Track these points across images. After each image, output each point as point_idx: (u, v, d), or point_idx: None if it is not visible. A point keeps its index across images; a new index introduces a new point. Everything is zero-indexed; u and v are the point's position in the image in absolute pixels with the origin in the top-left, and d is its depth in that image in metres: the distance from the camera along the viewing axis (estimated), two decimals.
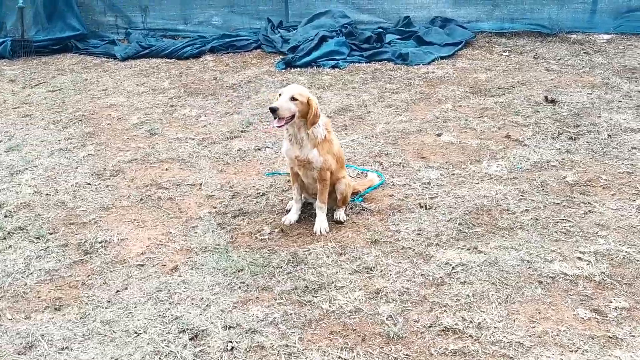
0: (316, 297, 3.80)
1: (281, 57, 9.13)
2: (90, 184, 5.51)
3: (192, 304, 3.77)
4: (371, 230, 4.51)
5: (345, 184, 4.71)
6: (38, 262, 4.30)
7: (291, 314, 3.64)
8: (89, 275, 4.14)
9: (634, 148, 5.61)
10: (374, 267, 4.05)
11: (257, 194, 5.21)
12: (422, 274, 3.94)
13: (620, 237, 4.20)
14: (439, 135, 6.09)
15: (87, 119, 7.22)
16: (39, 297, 3.93)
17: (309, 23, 9.89)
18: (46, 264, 4.27)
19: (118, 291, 3.94)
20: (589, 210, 4.58)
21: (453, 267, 3.96)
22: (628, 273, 3.83)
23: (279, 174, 5.54)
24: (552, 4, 9.86)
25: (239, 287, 3.93)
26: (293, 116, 4.34)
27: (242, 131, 6.57)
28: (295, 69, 8.62)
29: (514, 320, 3.45)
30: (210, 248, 4.43)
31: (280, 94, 4.40)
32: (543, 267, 3.91)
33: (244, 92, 7.87)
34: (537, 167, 5.35)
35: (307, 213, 4.81)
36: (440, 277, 3.88)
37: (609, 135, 5.89)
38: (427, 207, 4.76)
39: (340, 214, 4.71)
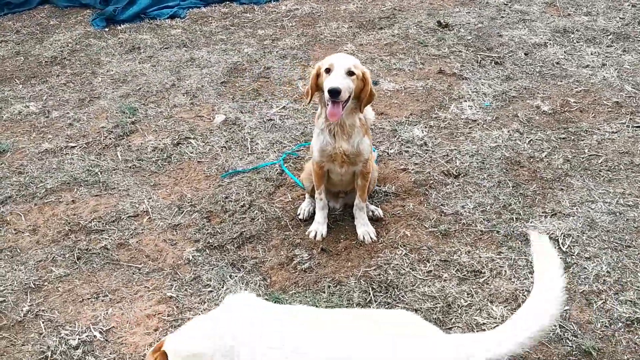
0: (450, 322, 2.99)
1: (93, 11, 7.09)
2: None
3: None
4: (424, 220, 3.73)
5: (376, 170, 3.79)
6: None
7: None
8: None
9: (557, 63, 5.62)
10: (480, 269, 3.35)
11: (241, 206, 3.94)
12: None
13: None
14: (376, 83, 5.33)
15: None
16: None
17: None
18: None
19: None
20: (597, 141, 4.43)
21: (563, 240, 3.46)
22: None
23: (238, 172, 4.28)
24: None
25: None
26: (348, 99, 3.23)
27: (132, 122, 4.93)
28: (123, 25, 6.78)
29: None
30: None
31: (327, 68, 3.23)
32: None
33: (79, 66, 5.93)
34: (501, 100, 5.03)
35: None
36: (566, 260, 3.35)
37: (525, 54, 5.81)
38: (456, 174, 4.12)
39: (374, 210, 3.79)
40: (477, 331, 2.98)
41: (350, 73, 3.20)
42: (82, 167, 4.40)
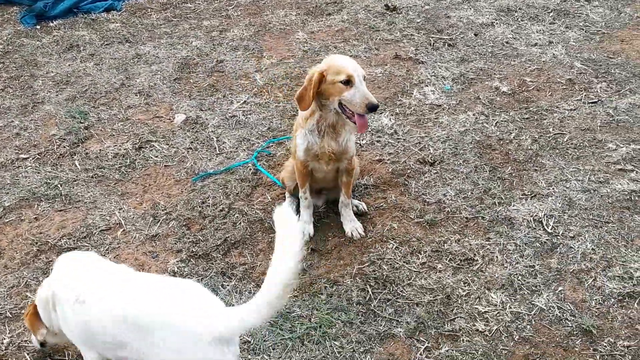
0: (452, 313, 3.02)
1: (21, 8, 6.59)
2: None
3: None
4: (408, 211, 3.73)
5: (358, 164, 3.74)
6: None
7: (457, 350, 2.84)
8: None
9: (507, 43, 5.73)
10: (473, 257, 3.39)
11: (220, 210, 3.80)
12: (530, 239, 3.44)
13: (624, 133, 4.29)
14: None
15: None
16: None
17: None
18: None
19: None
20: (559, 120, 4.56)
21: (547, 221, 3.55)
22: None
23: (210, 174, 4.13)
24: None
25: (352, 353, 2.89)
26: None
27: (85, 128, 4.64)
28: (56, 22, 6.35)
29: None
30: None
31: (345, 80, 3.11)
32: (615, 186, 3.79)
33: (15, 69, 5.52)
34: (460, 83, 5.08)
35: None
36: (552, 241, 3.44)
37: (475, 35, 5.89)
38: (431, 162, 4.13)
39: (358, 204, 3.75)
40: (480, 320, 3.03)
41: (365, 79, 3.16)
42: (38, 180, 4.12)
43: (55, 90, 5.18)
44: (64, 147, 4.45)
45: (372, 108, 3.08)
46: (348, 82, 3.11)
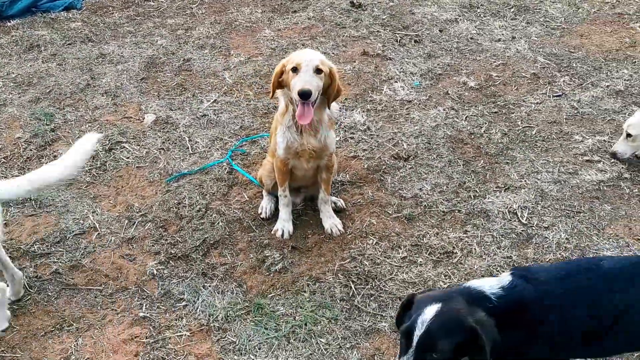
0: None
1: None
2: None
3: None
4: (385, 206, 3.76)
5: (336, 161, 3.74)
6: None
7: None
8: None
9: (472, 38, 5.83)
10: (452, 250, 3.44)
11: (197, 211, 3.76)
12: (506, 231, 3.51)
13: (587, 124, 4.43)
14: None
15: None
16: None
17: None
18: None
19: None
20: (526, 113, 4.66)
21: (521, 213, 3.64)
22: None
23: (184, 174, 4.08)
24: None
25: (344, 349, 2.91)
26: (317, 96, 3.16)
27: (52, 130, 4.51)
28: (14, 21, 6.14)
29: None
30: (231, 314, 3.10)
31: (293, 67, 3.12)
32: (583, 177, 3.90)
33: None
34: (429, 78, 5.15)
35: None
36: (527, 232, 3.53)
37: (440, 31, 5.97)
38: (406, 157, 4.17)
39: (336, 201, 3.76)
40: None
41: (318, 71, 3.12)
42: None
43: (17, 92, 5.02)
44: (31, 150, 4.33)
45: (301, 94, 3.06)
46: (295, 69, 3.13)
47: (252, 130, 4.54)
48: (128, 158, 4.25)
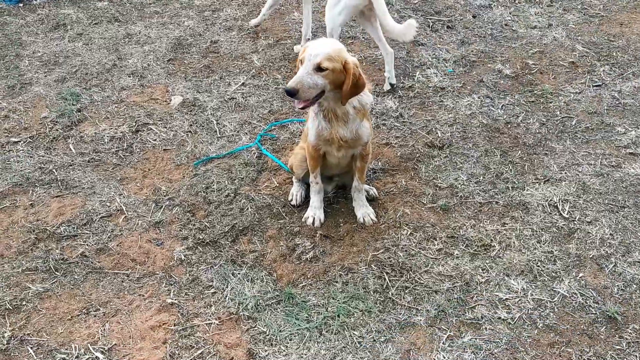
0: (473, 300, 2.94)
1: None
2: None
3: None
4: (420, 196, 3.63)
5: (371, 148, 3.61)
6: None
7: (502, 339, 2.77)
8: None
9: (506, 25, 5.65)
10: (489, 242, 3.30)
11: (226, 196, 3.67)
12: (547, 225, 3.37)
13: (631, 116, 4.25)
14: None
15: None
16: None
17: None
18: None
19: None
20: (565, 103, 4.49)
21: (562, 206, 3.48)
22: None
23: (212, 158, 3.98)
24: None
25: (386, 341, 2.81)
26: (322, 92, 3.02)
27: (78, 110, 4.44)
28: (39, 0, 6.08)
29: None
30: (261, 303, 3.00)
31: (301, 59, 3.02)
32: (627, 170, 3.74)
33: None
34: (462, 65, 4.99)
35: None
36: (569, 227, 3.38)
37: (473, 16, 5.80)
38: (440, 146, 4.04)
39: (369, 189, 3.64)
40: (502, 308, 2.96)
41: (319, 68, 2.97)
42: (32, 164, 3.92)
43: (43, 71, 4.95)
44: (57, 130, 4.25)
45: (286, 91, 3.01)
46: (302, 61, 3.04)
47: (281, 114, 4.42)
48: (155, 140, 4.17)
